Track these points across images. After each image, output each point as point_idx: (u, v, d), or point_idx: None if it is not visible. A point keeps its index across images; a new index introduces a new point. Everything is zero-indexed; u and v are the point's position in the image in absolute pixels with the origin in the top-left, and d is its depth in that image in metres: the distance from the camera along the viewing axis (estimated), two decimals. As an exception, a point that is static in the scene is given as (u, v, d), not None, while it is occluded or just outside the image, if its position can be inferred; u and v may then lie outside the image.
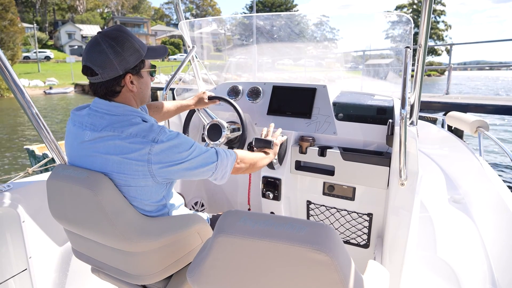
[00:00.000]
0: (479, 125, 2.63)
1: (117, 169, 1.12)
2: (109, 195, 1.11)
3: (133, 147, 1.10)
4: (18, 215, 1.63)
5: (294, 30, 2.80)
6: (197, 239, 1.37)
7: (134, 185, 1.14)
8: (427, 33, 1.43)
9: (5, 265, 1.66)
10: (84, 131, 1.18)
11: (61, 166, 1.23)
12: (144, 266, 1.24)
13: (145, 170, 1.11)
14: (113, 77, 1.15)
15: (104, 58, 1.12)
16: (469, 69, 46.83)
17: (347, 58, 3.58)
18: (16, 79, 1.63)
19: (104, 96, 1.18)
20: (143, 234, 1.15)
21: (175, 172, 1.16)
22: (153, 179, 1.14)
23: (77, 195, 1.14)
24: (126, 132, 1.12)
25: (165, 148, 1.11)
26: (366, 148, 1.86)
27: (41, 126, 1.75)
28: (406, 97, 1.45)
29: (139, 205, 1.19)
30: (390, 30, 2.12)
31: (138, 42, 1.20)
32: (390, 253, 1.61)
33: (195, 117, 2.18)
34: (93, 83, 1.17)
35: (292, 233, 0.73)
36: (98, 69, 1.12)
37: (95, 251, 1.31)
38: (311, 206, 2.07)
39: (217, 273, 0.81)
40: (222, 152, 1.32)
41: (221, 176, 1.32)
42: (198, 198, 2.58)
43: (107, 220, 1.11)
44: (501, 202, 1.85)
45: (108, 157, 1.12)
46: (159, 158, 1.11)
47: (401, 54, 2.18)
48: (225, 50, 3.04)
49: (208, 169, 1.24)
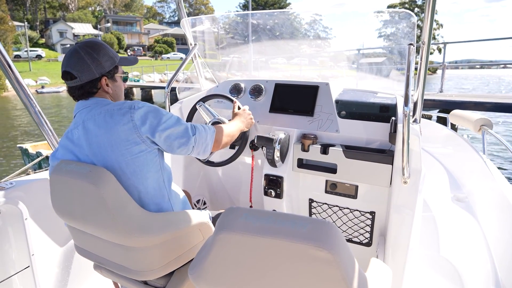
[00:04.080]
0: (483, 123, 2.63)
1: (110, 146, 1.19)
2: (112, 189, 1.13)
3: (115, 120, 1.20)
4: (21, 212, 1.65)
5: (296, 28, 2.79)
6: (198, 236, 1.38)
7: (130, 157, 1.20)
8: (430, 30, 1.43)
9: (8, 262, 1.68)
10: (72, 132, 1.28)
11: (63, 161, 1.24)
12: (145, 261, 1.25)
13: (135, 137, 1.19)
14: (90, 79, 1.28)
15: (82, 63, 1.26)
16: (460, 68, 47.31)
17: (341, 57, 3.57)
18: (18, 76, 1.66)
19: (81, 97, 1.30)
20: (144, 230, 1.17)
21: (159, 136, 1.23)
22: (145, 144, 1.22)
23: (79, 189, 1.15)
24: (104, 110, 1.23)
25: (143, 113, 1.22)
26: (368, 146, 1.85)
27: (43, 123, 1.77)
28: (410, 94, 1.44)
29: (141, 179, 1.23)
30: (393, 27, 2.11)
31: (112, 51, 1.36)
32: (392, 252, 1.61)
33: (197, 115, 2.16)
34: (72, 86, 1.29)
35: (294, 230, 0.72)
36: (77, 73, 1.25)
37: (97, 247, 1.32)
38: (313, 204, 2.07)
39: (218, 270, 0.81)
40: (200, 126, 1.39)
41: (203, 150, 1.38)
42: (201, 196, 2.57)
43: (109, 215, 1.12)
44: (505, 201, 1.85)
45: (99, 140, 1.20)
46: (142, 123, 1.20)
47: (394, 52, 2.19)
48: (218, 49, 3.01)
49: (187, 140, 1.30)
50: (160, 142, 1.25)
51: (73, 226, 1.30)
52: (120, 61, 1.38)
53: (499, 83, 31.80)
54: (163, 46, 56.64)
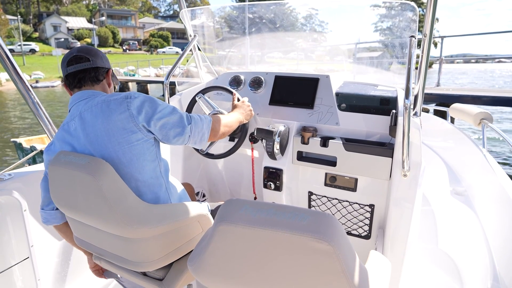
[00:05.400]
0: (483, 117, 2.63)
1: (107, 135, 1.19)
2: (110, 181, 1.12)
3: (112, 109, 1.20)
4: (20, 204, 1.67)
5: (293, 21, 2.76)
6: (197, 228, 1.38)
7: (127, 145, 1.20)
8: (432, 22, 1.42)
9: (8, 253, 1.70)
10: (68, 124, 1.28)
11: (62, 152, 1.23)
12: (144, 253, 1.25)
13: (132, 126, 1.20)
14: (101, 66, 1.35)
15: (94, 52, 1.35)
16: (456, 62, 47.45)
17: (339, 50, 3.54)
18: (18, 69, 1.67)
19: (89, 79, 1.33)
20: (143, 221, 1.16)
21: (154, 125, 1.23)
22: (142, 133, 1.22)
23: (78, 181, 1.15)
24: (101, 101, 1.24)
25: (139, 102, 1.22)
26: (368, 139, 1.84)
27: (42, 115, 1.78)
28: (411, 87, 1.43)
29: (138, 167, 1.23)
30: (394, 19, 2.09)
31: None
32: (391, 244, 1.61)
33: (196, 107, 2.15)
34: (82, 69, 1.31)
35: (294, 222, 0.72)
36: (90, 57, 1.32)
37: (96, 238, 1.32)
38: (313, 197, 2.07)
39: (218, 262, 0.81)
40: (196, 116, 1.39)
41: (200, 139, 1.38)
42: (200, 188, 2.56)
43: (107, 206, 1.11)
44: (504, 195, 1.86)
45: (96, 130, 1.20)
46: (138, 112, 1.21)
47: (395, 45, 2.17)
48: (215, 42, 2.98)
49: (182, 130, 1.30)
50: (156, 131, 1.25)
51: (72, 217, 1.30)
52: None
53: (495, 79, 31.90)
54: (159, 40, 56.31)
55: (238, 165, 2.44)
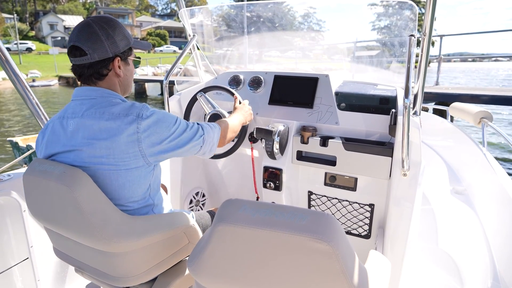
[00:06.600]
0: (483, 116, 2.62)
1: (106, 154, 1.08)
2: (87, 192, 1.05)
3: (120, 128, 1.07)
4: (19, 204, 1.67)
5: (291, 20, 2.75)
6: (183, 239, 1.32)
7: (124, 169, 1.10)
8: (432, 21, 1.41)
9: (8, 254, 1.70)
10: (67, 121, 1.15)
11: (37, 160, 1.16)
12: (125, 267, 1.17)
13: (136, 151, 1.09)
14: (102, 58, 1.14)
15: (95, 38, 1.12)
16: (453, 61, 47.58)
17: (337, 49, 3.54)
18: (15, 69, 1.66)
19: (89, 78, 1.17)
20: (123, 234, 1.09)
21: (166, 150, 1.15)
22: (144, 160, 1.12)
23: (53, 191, 1.08)
24: (109, 113, 1.10)
25: (151, 123, 1.10)
26: (368, 138, 1.84)
27: (40, 114, 1.77)
28: (410, 86, 1.43)
29: (127, 195, 1.14)
30: (393, 18, 2.08)
31: (126, 30, 1.23)
32: (391, 244, 1.61)
33: (196, 106, 2.14)
34: (80, 64, 1.15)
35: (293, 222, 0.72)
36: (88, 49, 1.11)
37: (75, 251, 1.25)
38: (313, 196, 2.06)
39: (217, 263, 0.80)
40: (206, 125, 1.33)
41: (209, 150, 1.33)
42: (199, 189, 2.55)
43: (84, 219, 1.04)
44: (504, 194, 1.86)
45: (95, 143, 1.08)
46: (148, 135, 1.10)
47: (394, 44, 2.17)
48: (212, 41, 2.97)
49: (196, 143, 1.25)
50: (168, 154, 1.17)
51: (50, 228, 1.23)
52: (134, 43, 1.26)
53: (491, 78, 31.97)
54: (156, 39, 56.04)
55: (237, 165, 2.43)
